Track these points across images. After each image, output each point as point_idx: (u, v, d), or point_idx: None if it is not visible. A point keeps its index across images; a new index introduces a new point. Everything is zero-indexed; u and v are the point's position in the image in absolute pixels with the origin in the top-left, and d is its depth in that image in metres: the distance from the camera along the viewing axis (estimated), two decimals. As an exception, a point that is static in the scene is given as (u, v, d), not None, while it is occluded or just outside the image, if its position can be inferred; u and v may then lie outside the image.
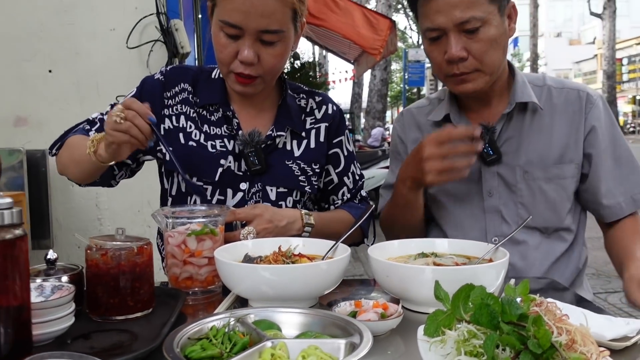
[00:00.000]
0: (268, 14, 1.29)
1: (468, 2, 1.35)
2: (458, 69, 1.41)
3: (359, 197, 1.65)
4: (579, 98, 1.52)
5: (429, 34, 1.43)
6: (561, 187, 1.50)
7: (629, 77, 35.67)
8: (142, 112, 1.21)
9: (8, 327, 0.79)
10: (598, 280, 4.90)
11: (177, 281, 1.20)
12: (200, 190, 1.43)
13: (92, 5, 3.17)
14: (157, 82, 1.51)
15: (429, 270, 1.02)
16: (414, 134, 1.67)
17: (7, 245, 0.78)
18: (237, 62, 1.34)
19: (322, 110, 1.58)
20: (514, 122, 1.52)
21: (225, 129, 1.48)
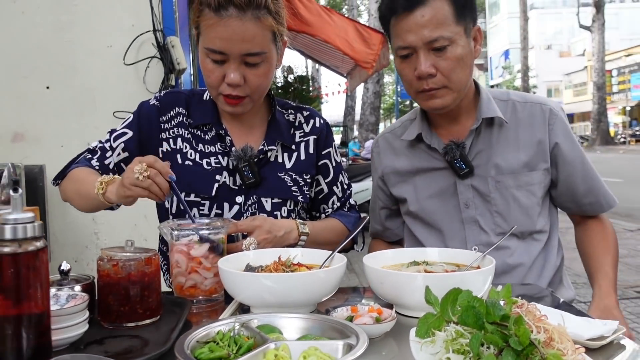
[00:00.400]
0: (249, 39, 1.38)
1: (436, 22, 1.46)
2: (427, 85, 1.51)
3: (348, 205, 1.73)
4: (542, 112, 1.62)
5: (400, 52, 1.53)
6: (531, 192, 1.60)
7: (618, 89, 36.07)
8: (164, 171, 1.26)
9: (30, 333, 0.85)
10: (589, 290, 4.95)
11: (182, 289, 1.26)
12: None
13: (89, 23, 3.23)
14: (153, 108, 1.58)
15: (420, 277, 1.09)
16: (388, 160, 1.77)
17: (30, 257, 0.84)
18: (225, 85, 1.42)
19: (310, 124, 1.67)
20: (482, 136, 1.61)
21: (219, 147, 1.56)
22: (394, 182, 1.75)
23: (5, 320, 0.84)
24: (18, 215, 0.84)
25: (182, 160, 1.54)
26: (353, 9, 21.16)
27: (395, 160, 1.75)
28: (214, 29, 1.37)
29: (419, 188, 1.70)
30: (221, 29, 1.37)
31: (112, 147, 1.57)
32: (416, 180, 1.70)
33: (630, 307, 4.51)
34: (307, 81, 11.94)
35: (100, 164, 1.56)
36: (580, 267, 1.72)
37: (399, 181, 1.74)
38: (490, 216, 1.61)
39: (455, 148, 1.59)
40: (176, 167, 1.52)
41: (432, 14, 1.46)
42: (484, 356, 0.76)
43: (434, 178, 1.67)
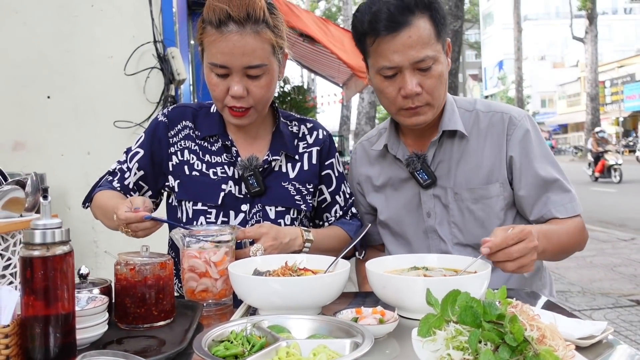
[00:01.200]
0: (249, 52, 1.45)
1: (422, 43, 1.49)
2: (413, 103, 1.54)
3: (350, 214, 1.79)
4: (502, 120, 1.63)
5: (384, 72, 1.53)
6: (488, 206, 1.62)
7: (611, 99, 36.36)
8: (137, 220, 1.34)
9: (57, 332, 0.91)
10: (584, 298, 5.05)
11: (194, 293, 1.32)
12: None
13: (90, 34, 3.29)
14: (162, 125, 1.67)
15: (421, 281, 1.15)
16: (363, 168, 1.82)
17: (58, 260, 0.90)
18: (229, 97, 1.49)
19: (313, 135, 1.73)
20: (444, 147, 1.66)
21: (225, 157, 1.62)
22: (368, 191, 1.80)
23: (35, 320, 0.89)
24: (47, 221, 0.91)
25: (189, 171, 1.61)
26: (348, 19, 21.31)
27: (369, 169, 1.80)
28: (216, 44, 1.44)
29: (388, 198, 1.75)
30: (222, 44, 1.44)
31: (129, 167, 1.66)
32: (386, 190, 1.75)
33: (623, 315, 4.57)
34: (304, 91, 12.02)
35: (121, 185, 1.65)
36: (574, 275, 1.79)
37: (371, 190, 1.79)
38: (447, 226, 1.65)
39: (417, 160, 1.63)
40: (184, 178, 1.61)
41: (418, 34, 1.48)
42: (481, 352, 0.82)
43: (400, 188, 1.72)
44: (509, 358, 0.81)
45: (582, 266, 6.12)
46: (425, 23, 1.50)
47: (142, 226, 1.35)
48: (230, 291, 1.33)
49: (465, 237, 1.64)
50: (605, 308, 4.76)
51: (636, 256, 6.71)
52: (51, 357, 0.90)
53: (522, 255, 1.26)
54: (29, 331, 0.90)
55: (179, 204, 1.64)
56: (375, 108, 16.91)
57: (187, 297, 1.34)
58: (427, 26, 1.50)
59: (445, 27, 1.55)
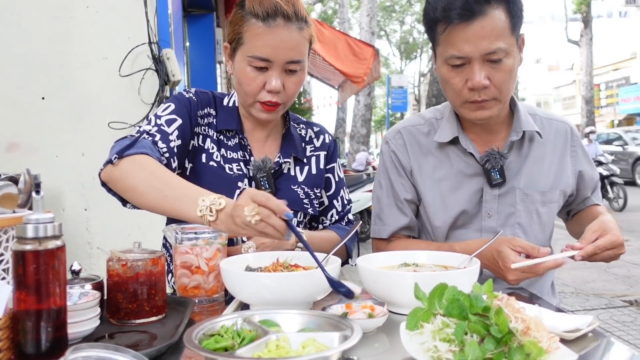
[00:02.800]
0: (293, 47, 1.47)
1: (495, 34, 1.42)
2: (479, 96, 1.48)
3: (346, 220, 1.79)
4: (565, 131, 1.69)
5: (452, 61, 1.48)
6: (551, 210, 1.65)
7: (606, 102, 36.51)
8: (278, 210, 1.12)
9: (49, 327, 0.91)
10: (577, 299, 5.07)
11: (186, 289, 1.33)
12: None
13: (85, 35, 3.28)
14: (193, 102, 1.58)
15: (410, 276, 1.17)
16: (418, 157, 1.69)
17: (50, 255, 0.91)
18: (264, 92, 1.50)
19: (320, 139, 1.75)
20: (514, 148, 1.64)
21: (240, 154, 1.62)
22: (423, 182, 1.68)
23: (27, 314, 0.90)
24: (39, 215, 0.91)
25: (206, 159, 1.58)
26: (344, 22, 21.37)
27: (423, 160, 1.69)
28: (262, 37, 1.45)
29: (445, 193, 1.65)
30: (269, 37, 1.45)
31: (167, 132, 1.48)
32: (442, 184, 1.66)
33: (616, 315, 4.60)
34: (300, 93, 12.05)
35: (167, 147, 1.46)
36: (568, 276, 1.82)
37: (426, 182, 1.67)
38: (510, 228, 1.61)
39: (499, 157, 1.58)
40: (199, 165, 1.57)
41: (492, 25, 1.42)
42: (467, 344, 0.84)
43: (462, 184, 1.64)
44: (493, 349, 0.83)
45: (576, 267, 6.14)
46: (501, 14, 1.43)
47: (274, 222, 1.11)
48: (222, 287, 1.34)
49: (528, 239, 1.58)
50: (598, 309, 4.79)
51: (629, 257, 6.74)
52: (42, 351, 0.91)
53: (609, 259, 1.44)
54: (21, 325, 0.91)
55: None
56: (371, 111, 16.96)
57: (179, 293, 1.35)
58: (502, 17, 1.43)
59: (521, 20, 1.49)
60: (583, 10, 27.41)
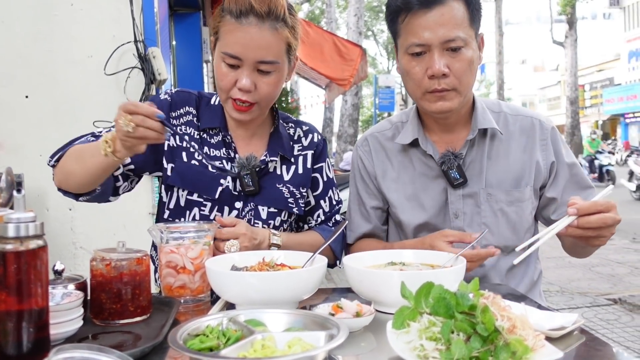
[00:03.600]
0: (264, 47, 1.45)
1: (454, 22, 1.47)
2: (439, 85, 1.50)
3: (333, 221, 1.77)
4: (533, 126, 1.65)
5: (412, 49, 1.51)
6: (521, 209, 1.61)
7: (591, 103, 36.91)
8: (149, 113, 1.24)
9: (31, 327, 0.90)
10: (562, 297, 5.11)
11: (171, 289, 1.32)
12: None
13: (70, 33, 3.25)
14: (165, 102, 1.61)
15: (396, 275, 1.17)
16: (382, 162, 1.73)
17: (32, 255, 0.89)
18: (236, 89, 1.48)
19: (308, 138, 1.73)
20: (475, 147, 1.62)
21: (224, 152, 1.61)
22: (387, 186, 1.71)
23: (7, 315, 0.89)
24: (20, 214, 0.90)
25: (187, 158, 1.58)
26: (332, 22, 21.37)
27: (388, 164, 1.72)
28: (233, 34, 1.45)
29: (410, 196, 1.68)
30: (240, 34, 1.44)
31: None
32: (407, 187, 1.68)
33: (600, 314, 4.64)
34: (287, 93, 12.02)
35: None
36: (553, 275, 1.82)
37: (391, 186, 1.71)
38: (477, 228, 1.60)
39: (453, 158, 1.58)
40: (180, 164, 1.57)
41: (451, 13, 1.46)
42: (454, 342, 0.84)
43: (426, 186, 1.66)
44: (480, 347, 0.83)
45: (561, 266, 6.20)
46: (460, 5, 1.49)
47: (150, 124, 1.23)
48: (207, 287, 1.33)
49: (495, 239, 1.60)
50: (583, 307, 4.84)
51: (614, 256, 6.82)
52: (24, 352, 0.89)
53: (605, 225, 1.27)
54: (1, 326, 0.89)
55: (169, 190, 1.60)
56: (358, 110, 16.98)
57: (164, 293, 1.34)
58: (461, 8, 1.48)
59: (480, 16, 1.54)
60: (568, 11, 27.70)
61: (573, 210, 1.26)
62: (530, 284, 1.71)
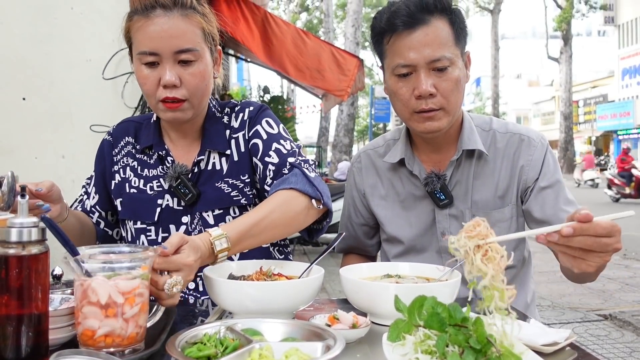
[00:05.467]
0: (178, 35, 1.39)
1: (439, 42, 1.47)
2: (427, 105, 1.49)
3: (288, 166, 1.49)
4: (520, 143, 1.62)
5: (398, 70, 1.51)
6: (504, 229, 1.59)
7: (584, 119, 37.18)
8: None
9: (30, 332, 0.91)
10: (553, 312, 5.13)
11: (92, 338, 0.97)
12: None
13: (69, 36, 3.27)
14: (107, 144, 1.65)
15: (392, 287, 1.18)
16: (371, 179, 1.75)
17: (34, 259, 0.90)
18: (162, 89, 1.41)
19: (239, 118, 1.60)
20: (462, 167, 1.62)
21: (160, 169, 1.57)
22: (374, 202, 1.74)
23: (8, 319, 0.89)
24: (23, 219, 0.91)
25: (129, 189, 1.59)
26: (329, 32, 21.50)
27: (378, 181, 1.74)
28: (144, 30, 1.40)
29: (399, 214, 1.69)
30: (150, 28, 1.39)
31: (88, 191, 1.67)
32: (395, 205, 1.70)
33: (591, 329, 4.66)
34: (283, 101, 12.07)
35: (82, 209, 1.65)
36: (545, 290, 1.82)
37: (380, 202, 1.73)
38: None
39: (436, 180, 1.58)
40: (125, 197, 1.59)
41: (435, 33, 1.47)
42: (449, 356, 0.85)
43: (413, 205, 1.66)
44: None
45: (552, 281, 6.23)
46: (444, 25, 1.49)
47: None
48: (143, 335, 1.03)
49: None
50: (574, 322, 4.85)
51: (605, 272, 6.81)
52: (23, 357, 0.90)
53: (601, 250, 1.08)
54: (1, 330, 0.90)
55: (123, 224, 1.62)
56: (354, 120, 17.05)
57: (81, 343, 0.98)
58: (445, 28, 1.49)
59: (465, 35, 1.54)
60: (563, 28, 28.01)
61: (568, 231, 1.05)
62: (524, 306, 1.69)
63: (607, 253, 1.10)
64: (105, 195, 1.64)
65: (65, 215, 1.43)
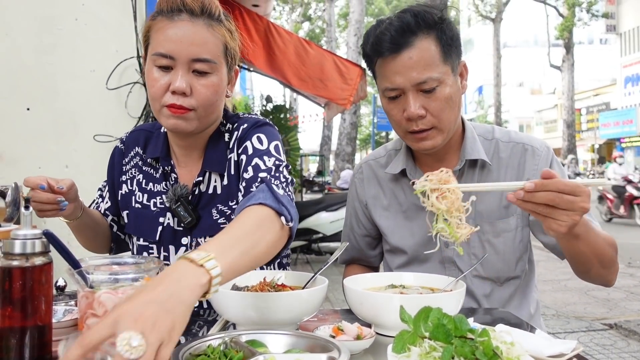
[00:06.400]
0: (199, 43, 1.33)
1: (424, 64, 1.44)
2: (417, 126, 1.49)
3: (258, 180, 1.35)
4: (524, 152, 1.60)
5: (388, 93, 1.51)
6: (509, 239, 1.58)
7: (587, 127, 37.13)
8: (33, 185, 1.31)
9: (34, 345, 0.90)
10: (558, 321, 5.10)
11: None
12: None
13: (73, 47, 3.28)
14: (118, 152, 1.63)
15: (396, 298, 1.17)
16: (373, 190, 1.74)
17: (37, 271, 0.90)
18: (169, 94, 1.33)
19: (233, 136, 1.48)
20: (464, 177, 1.60)
21: (164, 185, 1.51)
22: (379, 213, 1.72)
23: (11, 331, 0.89)
24: (27, 231, 0.91)
25: (134, 203, 1.55)
26: (332, 41, 21.59)
27: (380, 192, 1.73)
28: (165, 31, 1.33)
29: (401, 224, 1.68)
30: (172, 30, 1.32)
31: (103, 195, 1.66)
32: (398, 216, 1.68)
33: (596, 338, 4.63)
34: (286, 110, 12.09)
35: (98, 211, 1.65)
36: (549, 298, 1.80)
37: (382, 213, 1.71)
38: (467, 258, 1.58)
39: None
40: (130, 210, 1.56)
41: (420, 55, 1.44)
42: (454, 368, 0.85)
43: (416, 216, 1.65)
44: (480, 373, 0.83)
45: (557, 289, 6.20)
46: (430, 44, 1.46)
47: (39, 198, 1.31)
48: None
49: (485, 270, 1.59)
50: (579, 331, 4.83)
51: (609, 281, 6.80)
52: (26, 369, 0.90)
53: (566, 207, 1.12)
54: (5, 342, 0.90)
55: (130, 238, 1.61)
56: (356, 129, 17.08)
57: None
58: (430, 47, 1.46)
59: (455, 47, 1.50)
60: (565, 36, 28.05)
61: (530, 186, 1.12)
62: (527, 317, 1.66)
63: (575, 212, 1.13)
64: (115, 203, 1.63)
65: (78, 214, 1.44)
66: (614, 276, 1.56)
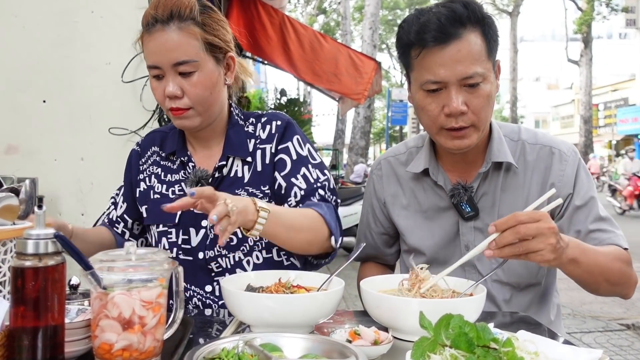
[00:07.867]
0: (174, 48, 1.44)
1: (472, 58, 1.39)
2: (457, 123, 1.42)
3: (318, 197, 1.55)
4: (551, 155, 1.55)
5: (428, 86, 1.43)
6: None
7: (605, 122, 36.66)
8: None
9: (47, 345, 0.89)
10: (574, 320, 5.04)
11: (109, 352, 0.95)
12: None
13: (89, 40, 3.28)
14: (135, 154, 1.74)
15: (415, 302, 1.14)
16: (393, 188, 1.69)
17: (51, 271, 0.89)
18: (168, 99, 1.48)
19: (266, 130, 1.61)
20: (489, 178, 1.55)
21: (182, 174, 1.62)
22: (397, 212, 1.68)
23: (24, 331, 0.88)
24: (40, 231, 0.89)
25: (153, 195, 1.64)
26: (346, 34, 21.46)
27: (399, 190, 1.68)
28: (146, 45, 1.48)
29: (420, 224, 1.64)
30: (151, 43, 1.46)
31: (116, 201, 1.74)
32: (418, 216, 1.64)
33: (613, 339, 4.58)
34: (300, 104, 12.05)
35: (108, 219, 1.73)
36: (565, 297, 1.76)
37: (401, 212, 1.67)
38: (488, 262, 1.54)
39: (463, 192, 1.52)
40: (149, 204, 1.63)
41: (468, 49, 1.38)
42: (476, 378, 0.82)
43: (437, 216, 1.61)
44: (504, 385, 0.80)
45: (573, 288, 6.09)
46: (477, 38, 1.40)
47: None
48: (160, 348, 1.01)
49: (505, 275, 1.55)
50: (595, 331, 4.76)
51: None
52: (38, 371, 0.88)
53: (535, 235, 1.16)
54: (17, 342, 0.88)
55: (149, 231, 1.66)
56: (370, 123, 17.00)
57: (97, 357, 0.97)
58: (478, 41, 1.40)
59: (497, 45, 1.46)
60: (584, 30, 27.64)
61: (492, 229, 1.20)
62: (547, 323, 1.61)
63: (545, 236, 1.18)
64: (132, 203, 1.70)
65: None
66: (629, 290, 1.54)
